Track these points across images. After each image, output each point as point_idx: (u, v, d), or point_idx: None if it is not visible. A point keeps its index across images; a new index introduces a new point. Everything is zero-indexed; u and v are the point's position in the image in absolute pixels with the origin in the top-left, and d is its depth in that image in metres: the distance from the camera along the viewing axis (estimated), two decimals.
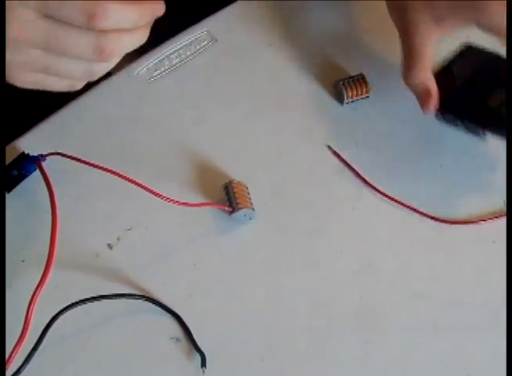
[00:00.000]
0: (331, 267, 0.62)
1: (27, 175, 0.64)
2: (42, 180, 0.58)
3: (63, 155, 0.62)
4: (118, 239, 0.62)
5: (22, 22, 0.47)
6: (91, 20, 0.46)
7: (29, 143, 0.66)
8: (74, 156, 0.61)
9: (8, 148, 0.66)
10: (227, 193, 0.63)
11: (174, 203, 0.60)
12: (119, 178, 0.59)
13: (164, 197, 0.60)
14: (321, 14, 0.79)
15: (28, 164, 0.63)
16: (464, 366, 0.58)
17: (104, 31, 0.48)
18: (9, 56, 0.49)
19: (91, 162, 0.61)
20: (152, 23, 0.51)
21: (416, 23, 0.64)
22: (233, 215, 0.62)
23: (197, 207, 0.63)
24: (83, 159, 0.61)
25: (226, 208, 0.63)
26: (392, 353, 0.58)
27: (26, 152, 0.63)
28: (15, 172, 0.63)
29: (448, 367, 0.58)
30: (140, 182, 0.60)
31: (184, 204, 0.61)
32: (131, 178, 0.60)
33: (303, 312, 0.60)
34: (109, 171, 0.60)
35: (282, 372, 0.57)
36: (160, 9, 0.50)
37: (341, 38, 0.77)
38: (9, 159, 0.63)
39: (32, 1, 0.46)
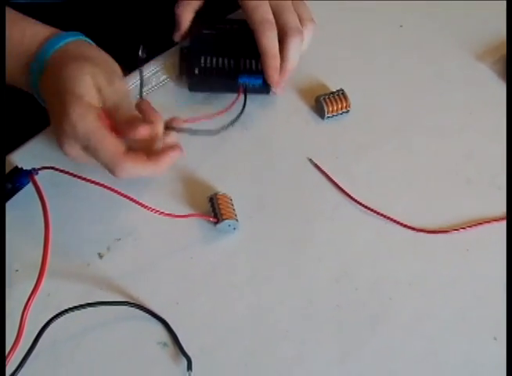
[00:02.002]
0: (311, 275, 0.64)
1: (21, 188, 0.65)
2: (35, 193, 0.59)
3: (56, 169, 0.63)
4: (108, 249, 0.64)
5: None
6: (112, 172, 0.59)
7: (22, 157, 0.67)
8: (66, 170, 0.63)
9: None
10: (212, 205, 0.65)
11: (161, 214, 0.62)
12: (109, 191, 0.61)
13: (152, 208, 0.62)
14: None
15: (22, 177, 0.64)
16: (441, 369, 0.60)
17: None
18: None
19: (82, 176, 0.63)
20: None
21: None
22: (218, 225, 0.64)
23: (184, 218, 0.65)
24: (74, 173, 0.63)
25: (211, 219, 0.65)
26: (369, 359, 0.60)
27: (19, 166, 0.64)
28: (9, 185, 0.64)
29: (425, 371, 0.60)
30: (129, 195, 0.62)
31: (171, 215, 0.63)
32: (120, 191, 0.62)
33: (285, 319, 0.62)
34: (100, 184, 0.62)
35: None
36: (174, 157, 0.61)
37: (322, 55, 0.78)
38: None
39: (78, 144, 0.59)
